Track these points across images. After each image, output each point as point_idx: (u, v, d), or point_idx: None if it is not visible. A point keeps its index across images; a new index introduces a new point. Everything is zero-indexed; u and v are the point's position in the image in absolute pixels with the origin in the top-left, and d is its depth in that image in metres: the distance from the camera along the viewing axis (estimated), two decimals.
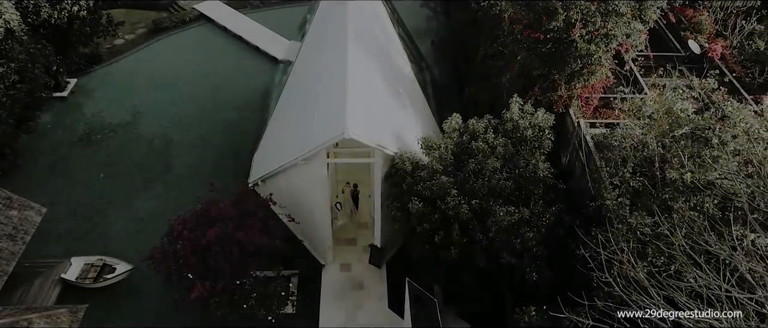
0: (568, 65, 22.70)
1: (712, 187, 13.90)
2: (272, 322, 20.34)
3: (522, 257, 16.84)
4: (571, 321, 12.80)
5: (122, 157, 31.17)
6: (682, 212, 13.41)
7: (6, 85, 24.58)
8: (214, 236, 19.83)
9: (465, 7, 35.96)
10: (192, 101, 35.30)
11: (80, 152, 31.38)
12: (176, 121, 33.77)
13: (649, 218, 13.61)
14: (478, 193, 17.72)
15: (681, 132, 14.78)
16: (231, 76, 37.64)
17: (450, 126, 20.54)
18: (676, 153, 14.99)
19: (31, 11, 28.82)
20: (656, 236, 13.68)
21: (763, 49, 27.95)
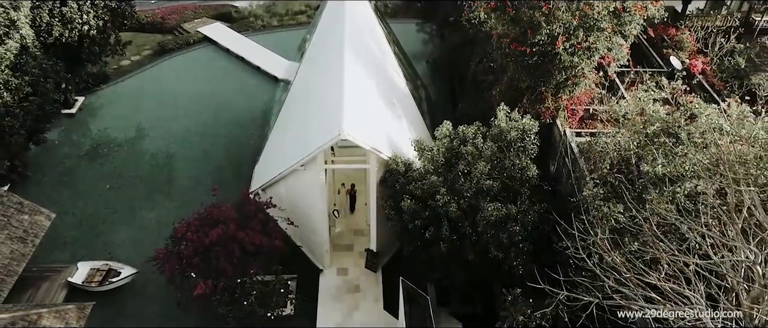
0: (553, 77, 24.00)
1: (683, 179, 14.99)
2: (272, 319, 21.13)
3: (509, 251, 17.80)
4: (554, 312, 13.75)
5: (127, 170, 32.28)
6: (655, 203, 14.45)
7: (20, 97, 25.83)
8: (217, 236, 20.84)
9: (458, 29, 37.48)
10: (195, 118, 36.57)
11: (87, 165, 32.53)
12: (180, 136, 34.99)
13: (621, 206, 14.67)
14: (466, 193, 18.78)
15: (652, 129, 15.93)
16: (233, 94, 39.03)
17: (441, 132, 21.69)
18: (649, 149, 16.12)
19: (43, 29, 30.26)
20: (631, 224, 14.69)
21: (743, 66, 29.32)
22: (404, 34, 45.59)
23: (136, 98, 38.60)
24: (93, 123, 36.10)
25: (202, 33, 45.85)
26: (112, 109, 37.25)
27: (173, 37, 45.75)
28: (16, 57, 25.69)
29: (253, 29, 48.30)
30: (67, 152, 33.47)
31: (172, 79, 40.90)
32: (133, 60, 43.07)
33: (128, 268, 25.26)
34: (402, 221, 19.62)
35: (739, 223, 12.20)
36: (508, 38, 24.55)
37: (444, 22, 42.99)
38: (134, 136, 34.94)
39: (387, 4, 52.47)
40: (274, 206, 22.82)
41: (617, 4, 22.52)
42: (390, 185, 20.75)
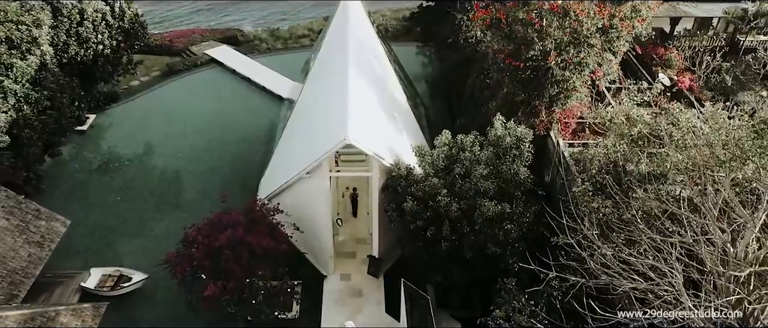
0: (547, 90, 25.29)
1: (666, 178, 16.13)
2: (278, 318, 22.00)
3: (505, 248, 18.83)
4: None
5: (137, 183, 33.39)
6: (640, 199, 15.55)
7: (38, 110, 27.09)
8: (226, 239, 21.87)
9: (456, 50, 39.03)
10: (203, 135, 37.81)
11: (98, 179, 33.65)
12: (188, 152, 36.18)
13: (610, 202, 15.76)
14: (465, 194, 19.89)
15: (636, 130, 17.12)
16: (239, 112, 40.37)
17: (441, 141, 22.90)
18: (634, 151, 17.28)
19: (60, 48, 31.71)
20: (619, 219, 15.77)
21: (729, 83, 30.68)
22: (405, 56, 47.15)
23: (145, 117, 39.92)
24: (104, 140, 37.34)
25: (209, 55, 47.45)
26: (123, 127, 38.54)
27: (181, 59, 47.34)
28: (36, 72, 27.08)
29: (259, 52, 49.98)
30: (78, 167, 34.63)
31: (180, 99, 42.31)
32: (143, 81, 44.55)
33: (139, 273, 26.19)
34: (404, 223, 20.67)
35: (715, 212, 13.28)
36: (503, 54, 25.92)
37: (442, 44, 44.55)
38: (143, 152, 36.14)
39: (388, 28, 54.19)
40: (280, 212, 23.87)
41: (605, 21, 23.95)
42: (392, 189, 21.83)
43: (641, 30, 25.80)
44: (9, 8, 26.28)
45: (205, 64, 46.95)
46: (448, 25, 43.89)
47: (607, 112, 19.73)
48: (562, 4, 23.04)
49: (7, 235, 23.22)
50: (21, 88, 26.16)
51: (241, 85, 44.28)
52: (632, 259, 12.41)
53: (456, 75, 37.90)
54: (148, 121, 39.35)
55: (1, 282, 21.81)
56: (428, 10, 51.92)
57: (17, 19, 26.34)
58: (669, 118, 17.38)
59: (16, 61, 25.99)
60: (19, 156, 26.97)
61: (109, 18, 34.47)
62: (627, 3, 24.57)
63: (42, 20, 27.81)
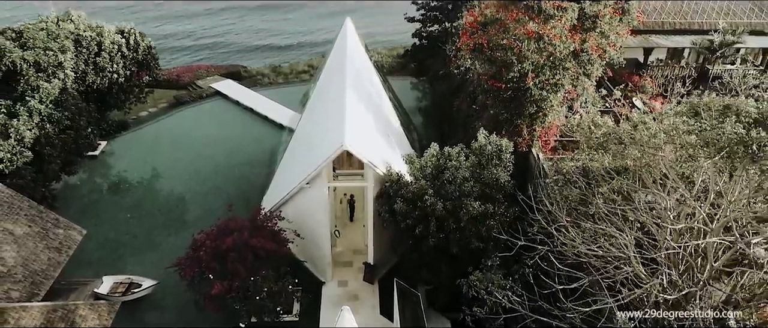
0: (526, 108, 27.70)
1: (626, 171, 18.30)
2: (279, 318, 23.69)
3: (488, 243, 20.79)
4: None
5: (145, 203, 35.37)
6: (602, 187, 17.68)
7: (59, 129, 29.32)
8: (232, 242, 23.80)
9: (447, 81, 41.73)
10: (208, 159, 40.01)
11: (109, 199, 35.66)
12: (194, 175, 38.29)
13: (576, 190, 17.87)
14: (450, 196, 21.98)
15: (600, 132, 19.37)
16: (242, 139, 42.71)
17: (429, 153, 25.08)
18: (599, 151, 19.50)
19: (78, 76, 34.21)
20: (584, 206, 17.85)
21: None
22: (400, 90, 49.74)
23: (153, 143, 42.22)
24: (115, 164, 39.52)
25: (214, 88, 50.13)
26: (132, 152, 40.78)
27: (187, 92, 50.01)
28: (59, 94, 29.45)
29: (261, 85, 52.73)
30: (90, 188, 36.72)
31: (187, 127, 44.73)
32: (151, 111, 47.04)
33: (148, 280, 27.91)
34: (395, 222, 22.67)
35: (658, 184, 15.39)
36: (486, 76, 28.43)
37: (434, 76, 47.36)
38: (152, 175, 38.26)
39: (383, 64, 57.14)
40: (282, 219, 25.84)
41: (576, 45, 26.53)
42: (385, 192, 23.90)
43: (613, 55, 28.47)
44: (38, 35, 28.91)
45: (210, 96, 49.63)
46: (440, 60, 46.86)
47: (575, 119, 22.00)
48: (536, 29, 25.62)
49: (30, 240, 25.07)
50: (45, 108, 28.51)
51: (244, 115, 46.82)
52: (589, 225, 14.43)
53: (447, 103, 40.42)
54: (156, 148, 41.62)
55: (24, 281, 23.55)
56: (421, 48, 54.97)
57: (45, 46, 28.92)
58: (629, 123, 19.67)
59: (42, 83, 28.48)
60: (40, 172, 29.03)
61: (125, 49, 37.18)
62: (594, 31, 27.26)
63: (67, 47, 30.41)
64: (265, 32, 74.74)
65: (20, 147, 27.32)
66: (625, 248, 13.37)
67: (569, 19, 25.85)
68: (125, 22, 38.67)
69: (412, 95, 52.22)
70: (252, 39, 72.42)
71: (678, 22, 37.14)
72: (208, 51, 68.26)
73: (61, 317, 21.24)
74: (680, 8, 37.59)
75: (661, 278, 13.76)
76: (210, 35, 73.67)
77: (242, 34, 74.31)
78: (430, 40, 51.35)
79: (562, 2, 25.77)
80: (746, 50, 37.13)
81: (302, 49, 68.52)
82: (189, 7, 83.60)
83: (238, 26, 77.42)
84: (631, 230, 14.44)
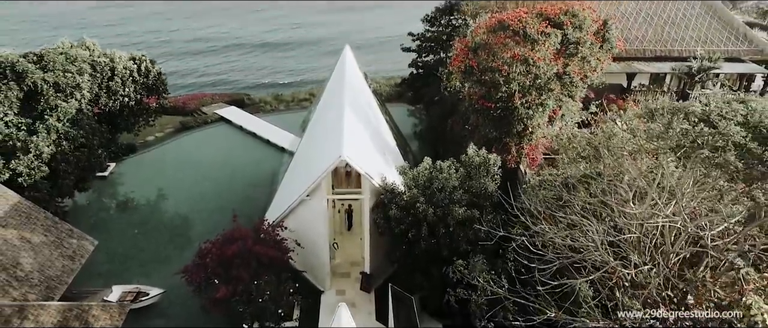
0: (514, 127, 29.53)
1: (600, 176, 20.01)
2: (282, 315, 25.04)
3: (475, 246, 22.34)
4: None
5: (152, 220, 36.94)
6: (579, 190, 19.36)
7: (74, 146, 31.12)
8: (237, 249, 25.31)
9: (441, 105, 43.74)
10: (212, 180, 41.73)
11: (117, 216, 37.25)
12: (199, 195, 39.94)
13: (553, 192, 19.54)
14: (440, 203, 23.63)
15: (576, 141, 21.15)
16: (245, 161, 44.51)
17: (422, 166, 26.81)
18: (577, 160, 21.25)
19: (92, 99, 36.21)
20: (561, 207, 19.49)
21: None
22: (396, 115, 51.84)
23: (160, 165, 44.07)
24: (123, 184, 41.24)
25: (219, 114, 52.19)
26: (140, 173, 42.56)
27: (193, 118, 52.02)
28: (75, 113, 31.38)
29: (263, 112, 54.81)
30: (99, 207, 38.35)
31: (192, 150, 46.63)
32: (157, 136, 49.02)
33: (155, 289, 29.30)
34: (390, 228, 24.25)
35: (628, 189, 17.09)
36: (477, 96, 30.35)
37: (429, 102, 49.41)
38: (158, 194, 39.92)
39: (381, 93, 59.34)
40: (284, 229, 27.39)
41: (559, 67, 28.49)
42: (380, 202, 25.53)
43: (594, 79, 30.47)
44: (57, 59, 31.03)
45: (215, 122, 51.71)
46: (435, 87, 48.99)
47: (554, 131, 23.80)
48: (522, 53, 27.64)
49: (45, 248, 26.60)
50: (62, 126, 30.37)
51: (247, 139, 48.76)
52: (561, 215, 16.05)
53: (441, 126, 42.32)
54: (163, 169, 43.40)
55: (39, 286, 24.99)
56: (418, 77, 57.23)
57: (64, 68, 30.99)
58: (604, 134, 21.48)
59: (60, 102, 30.42)
60: (55, 187, 30.70)
61: (136, 75, 39.30)
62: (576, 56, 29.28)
63: (84, 69, 32.50)
64: (268, 69, 76.98)
65: (38, 162, 29.08)
66: (594, 233, 14.95)
67: (553, 43, 27.91)
68: (137, 52, 41.02)
69: (409, 121, 54.28)
70: (255, 76, 74.42)
71: (659, 50, 39.32)
72: (210, 88, 70.48)
73: (75, 315, 22.62)
74: (661, 36, 39.84)
75: (625, 263, 15.32)
76: (213, 73, 75.61)
77: (245, 71, 76.38)
78: (425, 69, 53.57)
79: (545, 28, 27.93)
80: (725, 75, 39.21)
81: (304, 86, 70.44)
82: (192, 45, 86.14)
83: (240, 63, 79.56)
84: (600, 222, 16.05)
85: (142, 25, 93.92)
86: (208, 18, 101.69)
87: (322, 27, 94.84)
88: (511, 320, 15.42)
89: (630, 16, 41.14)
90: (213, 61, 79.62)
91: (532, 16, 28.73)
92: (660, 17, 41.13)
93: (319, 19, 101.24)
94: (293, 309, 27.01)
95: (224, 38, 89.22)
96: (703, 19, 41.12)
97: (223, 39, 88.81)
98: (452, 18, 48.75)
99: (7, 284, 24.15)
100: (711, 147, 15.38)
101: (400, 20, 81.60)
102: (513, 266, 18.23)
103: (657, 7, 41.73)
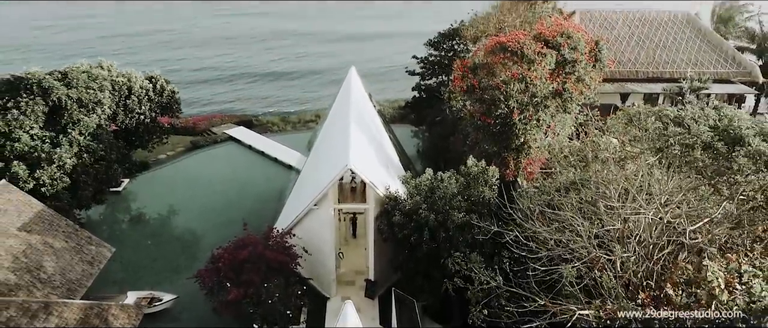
0: (512, 142, 31.10)
1: (588, 182, 21.50)
2: (290, 316, 26.29)
3: (474, 249, 23.71)
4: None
5: (165, 233, 38.47)
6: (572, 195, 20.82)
7: (94, 159, 32.83)
8: (248, 254, 26.72)
9: (443, 125, 45.46)
10: (221, 196, 43.29)
11: (131, 228, 38.78)
12: (209, 209, 41.45)
13: (547, 197, 21.00)
14: (441, 209, 25.09)
15: (567, 150, 22.68)
16: (254, 178, 46.18)
17: (424, 177, 28.34)
18: (568, 168, 22.76)
19: (110, 116, 38.04)
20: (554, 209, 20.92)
21: None
22: (400, 137, 53.58)
23: (171, 181, 45.79)
24: (136, 199, 42.90)
25: (228, 133, 54.04)
26: (152, 189, 44.25)
27: (203, 137, 53.86)
28: (95, 128, 33.19)
29: (271, 132, 56.60)
30: (113, 220, 39.95)
31: (202, 167, 48.40)
32: (169, 154, 50.80)
33: (168, 295, 30.63)
34: (393, 233, 25.67)
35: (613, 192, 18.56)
36: (477, 113, 31.99)
37: (431, 122, 51.14)
38: (170, 208, 41.49)
39: (385, 115, 61.20)
40: (293, 236, 28.81)
41: (557, 85, 30.15)
42: (384, 210, 26.99)
43: (589, 94, 32.10)
44: (80, 76, 33.01)
45: (224, 141, 53.51)
46: (438, 109, 50.78)
47: (546, 141, 25.36)
48: (519, 71, 29.35)
49: (67, 253, 28.05)
50: (83, 140, 32.13)
51: (255, 157, 50.51)
52: (551, 212, 17.49)
53: (442, 144, 43.96)
54: (174, 185, 45.08)
55: (61, 288, 26.37)
56: (421, 99, 59.13)
57: (86, 85, 32.93)
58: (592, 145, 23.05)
59: (83, 117, 32.25)
60: (74, 197, 32.30)
61: (151, 94, 41.24)
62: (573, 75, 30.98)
63: (105, 86, 34.45)
64: (273, 98, 78.12)
65: (61, 173, 30.75)
66: (580, 226, 16.37)
67: (548, 63, 29.65)
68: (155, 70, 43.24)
69: (412, 142, 55.95)
70: (261, 104, 75.25)
71: (651, 71, 41.13)
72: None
73: (96, 314, 23.96)
74: (653, 59, 41.68)
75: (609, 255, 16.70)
76: (219, 101, 76.71)
77: (251, 100, 77.51)
78: (428, 91, 55.49)
79: (541, 49, 29.71)
80: (715, 95, 40.87)
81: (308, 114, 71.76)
82: (199, 73, 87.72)
83: (246, 92, 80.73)
84: (588, 221, 17.50)
85: (150, 54, 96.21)
86: (214, 47, 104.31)
87: (325, 57, 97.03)
88: (504, 307, 16.68)
89: (623, 40, 43.06)
90: (219, 90, 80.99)
91: (529, 38, 30.55)
92: (652, 41, 43.03)
93: (322, 49, 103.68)
94: (300, 312, 28.23)
95: (230, 67, 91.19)
96: (693, 42, 42.99)
97: (230, 68, 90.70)
98: (454, 43, 50.82)
99: (32, 284, 25.58)
100: (682, 145, 16.87)
101: (399, 51, 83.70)
102: (507, 262, 19.58)
103: (649, 31, 43.68)
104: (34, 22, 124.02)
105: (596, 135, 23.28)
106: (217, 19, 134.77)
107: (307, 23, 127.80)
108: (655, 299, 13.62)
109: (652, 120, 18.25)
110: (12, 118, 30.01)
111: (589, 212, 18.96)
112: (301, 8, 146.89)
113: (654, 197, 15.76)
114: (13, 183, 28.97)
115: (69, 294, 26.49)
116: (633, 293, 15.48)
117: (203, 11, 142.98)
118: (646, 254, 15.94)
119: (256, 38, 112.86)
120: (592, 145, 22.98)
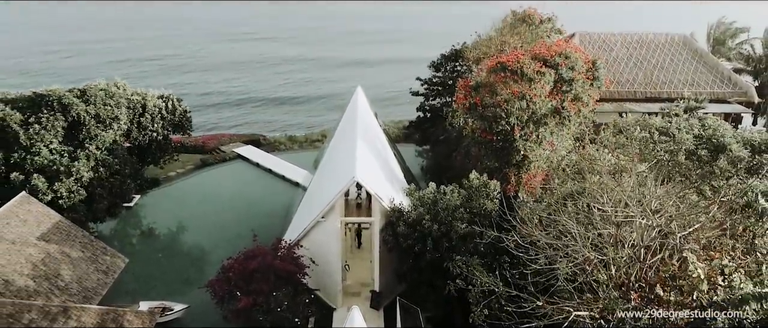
0: (513, 157, 32.15)
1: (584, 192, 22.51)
2: (298, 324, 27.12)
3: (475, 255, 24.65)
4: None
5: (175, 246, 39.50)
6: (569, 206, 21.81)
7: (109, 173, 34.06)
8: (257, 264, 27.69)
9: (446, 143, 46.66)
10: (230, 211, 44.37)
11: (142, 242, 39.84)
12: (218, 225, 42.51)
13: (545, 204, 21.99)
14: (444, 220, 26.09)
15: (563, 163, 23.73)
16: (262, 194, 47.30)
17: (427, 190, 29.38)
18: (563, 177, 23.80)
19: (124, 133, 39.41)
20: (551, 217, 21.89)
21: None
22: (405, 155, 54.72)
23: (181, 197, 46.96)
24: (147, 214, 44.03)
25: (236, 152, 55.35)
26: (163, 204, 45.42)
27: (212, 155, 55.16)
28: (111, 143, 34.51)
29: (278, 151, 57.89)
30: (125, 234, 41.05)
31: (211, 184, 49.61)
32: (179, 172, 52.05)
33: (180, 305, 31.51)
34: (398, 243, 26.63)
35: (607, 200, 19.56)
36: (479, 129, 33.11)
37: (435, 141, 52.40)
38: (180, 222, 42.56)
39: (390, 135, 62.50)
40: (301, 247, 29.78)
41: (556, 103, 31.29)
42: (389, 221, 27.99)
43: (587, 113, 33.21)
44: (98, 94, 34.46)
45: (233, 159, 54.81)
46: (441, 128, 52.04)
47: (544, 153, 26.40)
48: (520, 90, 30.54)
49: (83, 262, 29.10)
50: (100, 154, 33.41)
51: (263, 175, 51.73)
52: (548, 216, 18.48)
53: (445, 162, 45.09)
54: (184, 201, 46.22)
55: (77, 295, 27.37)
56: (425, 119, 60.48)
57: (104, 102, 34.37)
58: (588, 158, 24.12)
59: (100, 132, 33.59)
60: (89, 210, 33.45)
61: (164, 112, 42.67)
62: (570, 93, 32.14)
63: (122, 103, 35.87)
64: (279, 122, 79.05)
65: (77, 186, 31.96)
66: (574, 230, 17.34)
67: (548, 81, 30.85)
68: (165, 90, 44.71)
69: (417, 161, 57.15)
70: (267, 129, 76.18)
71: (649, 92, 42.29)
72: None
73: (112, 319, 24.88)
74: (650, 79, 42.89)
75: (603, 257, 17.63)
76: (226, 125, 78.15)
77: (259, 124, 78.25)
78: (432, 112, 56.83)
79: (540, 68, 30.94)
80: (712, 115, 41.84)
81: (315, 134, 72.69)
82: (207, 98, 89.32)
83: (253, 116, 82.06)
84: (583, 227, 18.48)
85: (158, 79, 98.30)
86: (222, 72, 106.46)
87: (330, 82, 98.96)
88: (504, 307, 17.56)
89: (621, 61, 44.35)
90: (227, 114, 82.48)
91: (529, 57, 31.82)
92: (649, 62, 44.30)
93: (327, 74, 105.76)
94: (308, 321, 29.03)
95: (237, 92, 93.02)
96: (690, 63, 44.25)
97: (237, 92, 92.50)
98: (457, 64, 52.26)
99: (50, 291, 26.61)
100: (667, 152, 17.88)
101: (400, 78, 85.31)
102: (507, 266, 20.53)
103: (647, 53, 44.98)
104: (45, 47, 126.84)
105: (592, 149, 24.33)
106: (224, 44, 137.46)
107: (310, 49, 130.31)
108: (646, 299, 14.52)
109: (638, 130, 19.31)
110: (33, 132, 31.37)
111: (585, 220, 19.94)
112: (306, 34, 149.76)
113: (644, 204, 16.74)
114: (32, 195, 30.17)
115: (85, 302, 27.44)
116: (625, 294, 16.38)
117: (211, 36, 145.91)
118: (638, 256, 16.87)
119: (264, 63, 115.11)
120: (588, 158, 24.02)
